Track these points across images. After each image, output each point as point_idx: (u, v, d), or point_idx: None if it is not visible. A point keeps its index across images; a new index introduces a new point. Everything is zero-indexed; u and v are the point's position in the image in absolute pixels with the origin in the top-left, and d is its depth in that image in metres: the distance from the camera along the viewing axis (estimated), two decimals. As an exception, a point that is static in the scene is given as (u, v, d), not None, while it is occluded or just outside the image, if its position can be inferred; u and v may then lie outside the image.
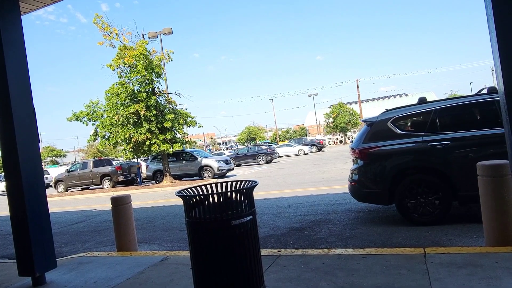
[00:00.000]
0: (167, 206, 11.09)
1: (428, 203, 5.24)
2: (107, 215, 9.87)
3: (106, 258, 5.03)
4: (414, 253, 3.78)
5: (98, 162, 21.97)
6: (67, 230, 8.71)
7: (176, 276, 3.90)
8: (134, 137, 17.02)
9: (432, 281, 3.01)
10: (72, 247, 6.72)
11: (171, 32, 23.02)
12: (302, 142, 43.58)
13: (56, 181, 22.35)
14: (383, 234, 5.14)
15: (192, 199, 2.88)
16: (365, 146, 5.77)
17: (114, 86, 17.61)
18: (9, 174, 3.99)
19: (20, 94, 4.00)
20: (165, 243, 6.23)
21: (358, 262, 3.68)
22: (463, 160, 5.13)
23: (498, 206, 3.74)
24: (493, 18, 2.68)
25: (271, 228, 6.31)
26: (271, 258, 4.09)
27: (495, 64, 2.91)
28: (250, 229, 2.89)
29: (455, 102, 5.65)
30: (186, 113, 18.83)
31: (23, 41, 4.15)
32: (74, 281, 4.13)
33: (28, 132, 4.03)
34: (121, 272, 4.23)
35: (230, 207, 2.82)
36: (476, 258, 3.41)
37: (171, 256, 4.68)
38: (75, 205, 14.42)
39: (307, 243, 5.16)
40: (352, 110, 54.45)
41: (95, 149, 56.33)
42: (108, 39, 17.14)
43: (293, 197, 9.60)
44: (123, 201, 5.34)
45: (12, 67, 3.93)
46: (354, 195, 6.08)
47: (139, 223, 8.13)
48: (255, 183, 3.02)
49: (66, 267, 4.72)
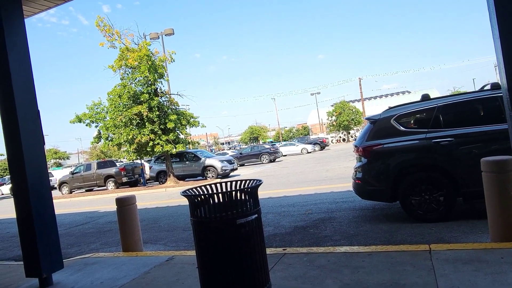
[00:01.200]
0: (172, 206, 11.13)
1: (432, 200, 5.23)
2: (112, 216, 9.91)
3: (112, 258, 5.06)
4: (419, 249, 3.78)
5: (101, 164, 22.05)
6: (73, 231, 8.76)
7: (182, 275, 3.92)
8: (137, 138, 17.08)
9: (437, 277, 3.02)
10: (78, 248, 6.76)
11: (173, 33, 23.05)
12: (305, 141, 43.54)
13: (60, 183, 22.45)
14: (388, 231, 5.14)
15: (197, 198, 2.89)
16: (369, 144, 5.77)
17: (116, 88, 17.68)
18: (14, 176, 4.02)
19: (25, 97, 4.03)
20: (170, 243, 6.26)
21: (363, 260, 3.68)
22: (467, 157, 5.12)
23: (502, 202, 3.74)
24: (495, 15, 2.68)
25: (276, 227, 6.32)
26: (276, 256, 4.10)
27: (498, 60, 2.92)
28: (255, 228, 2.90)
29: (458, 98, 5.65)
30: (189, 114, 18.87)
31: (26, 45, 4.18)
32: (80, 281, 4.15)
33: (33, 134, 4.07)
34: (127, 272, 4.25)
35: (235, 206, 2.84)
36: (482, 254, 3.41)
37: (176, 256, 4.70)
38: (79, 207, 14.48)
39: (312, 241, 5.17)
40: (354, 108, 54.33)
41: (99, 150, 56.50)
42: (110, 41, 17.20)
43: (297, 196, 9.61)
44: (128, 202, 5.37)
45: (16, 70, 3.96)
46: (358, 193, 6.09)
47: (144, 224, 8.16)
48: (260, 181, 3.03)
49: (73, 268, 4.76)
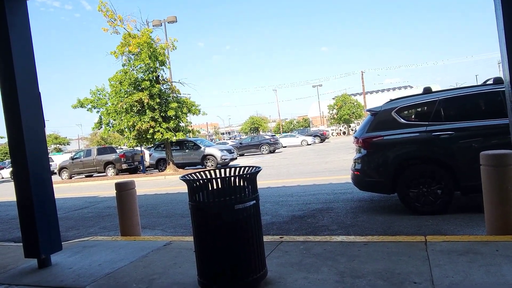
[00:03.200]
0: (170, 193, 11.18)
1: (430, 193, 5.25)
2: (111, 202, 9.96)
3: (110, 242, 5.10)
4: (415, 240, 3.81)
5: (101, 150, 22.12)
6: (72, 215, 8.81)
7: (179, 259, 3.95)
8: (138, 125, 17.07)
9: (432, 267, 3.04)
10: (76, 232, 6.81)
11: (175, 21, 22.83)
12: (305, 132, 43.52)
13: (60, 168, 22.52)
14: (385, 223, 5.17)
15: (196, 183, 2.91)
16: (369, 136, 5.77)
17: (117, 74, 17.62)
18: (15, 158, 4.03)
19: (26, 77, 4.02)
20: (168, 229, 6.30)
21: (359, 249, 3.71)
22: (466, 150, 5.12)
23: (500, 196, 3.75)
24: (500, 4, 2.66)
25: (274, 216, 6.36)
26: (273, 244, 4.14)
27: (502, 52, 2.90)
28: (253, 214, 2.93)
29: (460, 92, 5.63)
30: (190, 102, 18.82)
31: (28, 25, 4.15)
32: (79, 263, 4.19)
33: (34, 116, 4.06)
34: (125, 256, 4.29)
35: (234, 192, 2.85)
36: (477, 246, 3.43)
37: (174, 241, 4.74)
38: (79, 192, 14.55)
39: (309, 231, 5.20)
40: (356, 101, 54.16)
41: (99, 137, 56.51)
42: (112, 26, 17.09)
43: (296, 187, 9.65)
44: (128, 186, 5.39)
45: (17, 50, 3.94)
46: (356, 184, 6.11)
47: (143, 210, 8.20)
48: (259, 168, 3.04)
49: (71, 250, 4.80)
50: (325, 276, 3.11)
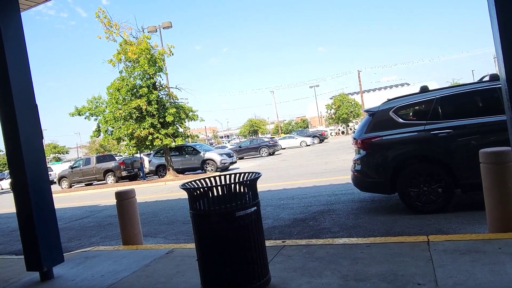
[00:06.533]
0: (171, 200, 11.15)
1: (431, 192, 5.25)
2: (112, 210, 9.94)
3: (112, 252, 5.08)
4: (417, 241, 3.80)
5: (101, 158, 22.06)
6: (73, 225, 8.78)
7: (182, 267, 3.94)
8: (137, 132, 17.06)
9: (435, 268, 3.04)
10: (78, 242, 6.79)
11: (171, 26, 22.92)
12: (304, 133, 43.54)
13: (60, 177, 22.46)
14: (387, 223, 5.17)
15: (197, 191, 2.90)
16: (367, 136, 5.77)
17: (115, 82, 17.63)
18: (14, 170, 4.02)
19: (22, 90, 4.01)
20: (170, 236, 6.29)
21: (362, 251, 3.71)
22: (465, 148, 5.13)
23: (501, 193, 3.75)
24: (493, 4, 2.66)
25: (275, 220, 6.34)
26: (275, 248, 4.13)
27: (497, 50, 2.90)
28: (254, 220, 2.92)
29: (457, 90, 5.63)
30: (188, 107, 18.84)
31: (23, 37, 4.16)
32: (81, 275, 4.18)
33: (31, 128, 4.06)
34: (127, 266, 4.28)
35: (234, 199, 2.85)
36: (479, 245, 3.43)
37: (176, 249, 4.72)
38: (79, 201, 14.51)
39: (311, 234, 5.19)
40: (353, 100, 54.24)
41: (98, 145, 56.46)
42: (109, 33, 17.11)
43: (296, 189, 9.64)
44: (128, 195, 5.38)
45: (13, 63, 3.93)
46: (357, 185, 6.10)
47: (144, 217, 8.18)
48: (258, 174, 3.04)
49: (73, 261, 4.78)
50: (329, 280, 3.10)
